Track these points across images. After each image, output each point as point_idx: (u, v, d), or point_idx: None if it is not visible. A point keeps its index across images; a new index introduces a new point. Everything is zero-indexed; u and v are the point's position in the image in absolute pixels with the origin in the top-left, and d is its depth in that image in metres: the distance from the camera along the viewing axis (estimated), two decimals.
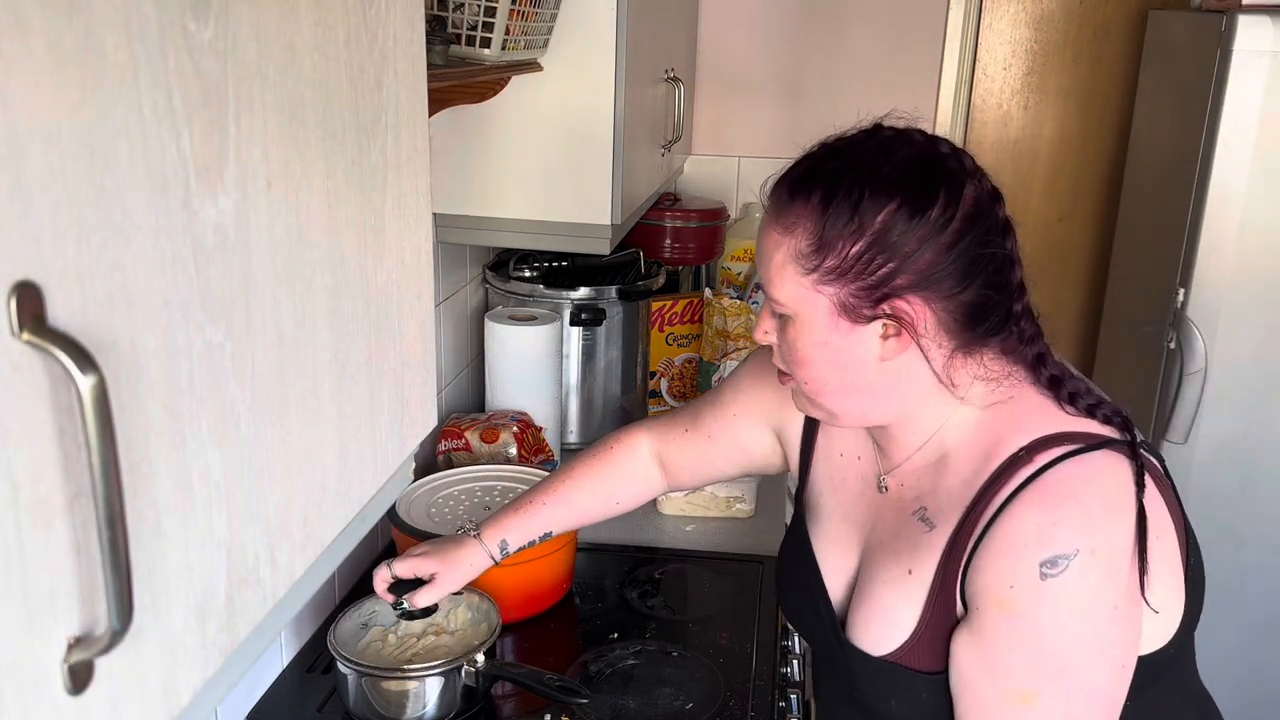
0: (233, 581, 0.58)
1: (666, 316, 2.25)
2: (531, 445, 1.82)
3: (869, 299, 0.92)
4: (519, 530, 1.29)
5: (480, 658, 1.25)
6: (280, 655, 1.38)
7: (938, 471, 1.01)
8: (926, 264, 0.91)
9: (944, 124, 2.63)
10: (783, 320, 0.99)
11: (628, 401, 2.14)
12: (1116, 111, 2.66)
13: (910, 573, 0.99)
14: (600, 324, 2.02)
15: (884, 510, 1.06)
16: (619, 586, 1.59)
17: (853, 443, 1.12)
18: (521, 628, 1.47)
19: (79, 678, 0.45)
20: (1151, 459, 0.96)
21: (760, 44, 2.62)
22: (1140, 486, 0.92)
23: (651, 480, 1.35)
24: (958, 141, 2.65)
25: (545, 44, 1.54)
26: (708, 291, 2.28)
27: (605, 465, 1.34)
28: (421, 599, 1.25)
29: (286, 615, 0.67)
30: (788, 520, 1.85)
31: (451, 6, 1.32)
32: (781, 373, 1.03)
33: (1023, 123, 2.71)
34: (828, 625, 1.09)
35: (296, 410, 0.64)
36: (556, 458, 1.91)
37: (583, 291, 2.01)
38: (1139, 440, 0.95)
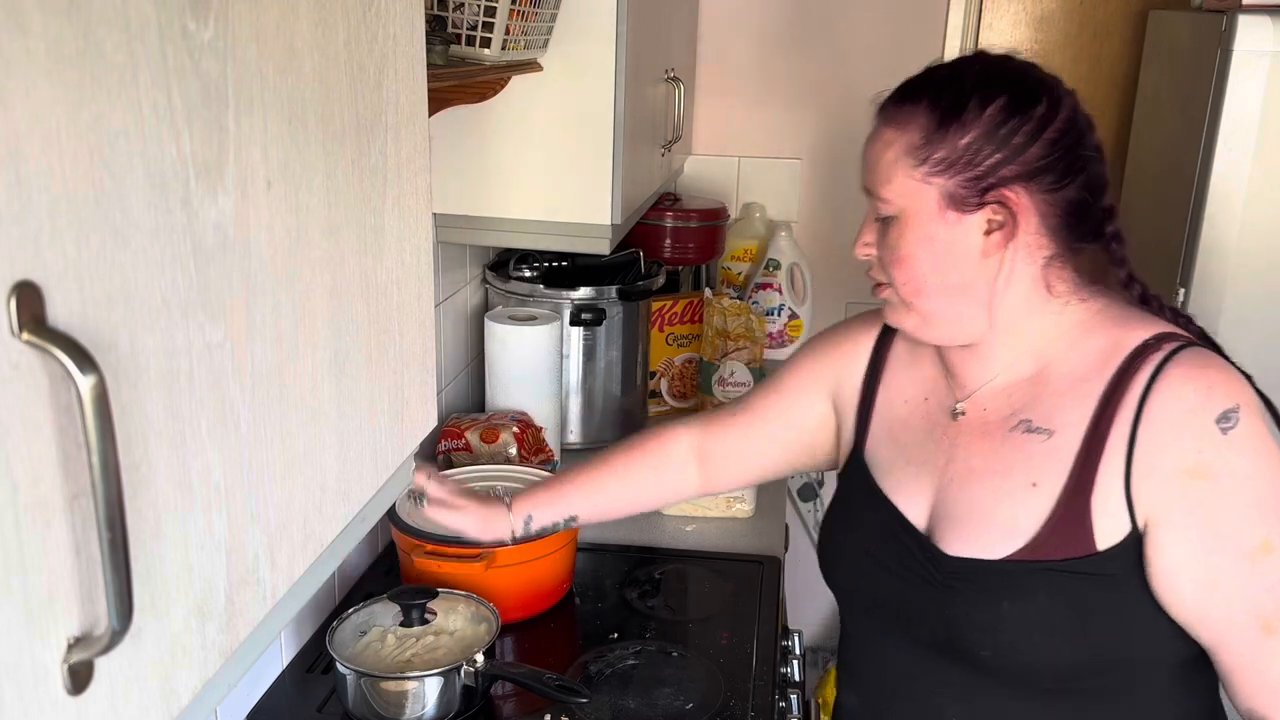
0: (232, 582, 0.58)
1: (666, 316, 2.25)
2: (531, 445, 1.82)
3: (976, 188, 0.97)
4: (545, 509, 1.31)
5: (480, 658, 1.25)
6: (280, 655, 1.38)
7: (1036, 383, 1.03)
8: (1032, 156, 0.97)
9: None
10: (885, 224, 1.03)
11: (628, 401, 2.14)
12: (1116, 111, 2.66)
13: (1035, 485, 1.00)
14: (600, 324, 2.02)
15: (964, 438, 1.07)
16: (619, 586, 1.59)
17: (919, 386, 1.14)
18: (521, 628, 1.47)
19: (79, 678, 0.45)
20: None
21: (760, 44, 2.62)
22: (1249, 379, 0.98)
23: (685, 475, 1.33)
24: None
25: (545, 44, 1.54)
26: (708, 291, 2.28)
27: (639, 454, 1.34)
28: (440, 516, 1.31)
29: (286, 615, 0.67)
30: (787, 520, 1.86)
31: (451, 6, 1.32)
32: (878, 285, 1.06)
33: None
34: (917, 553, 1.06)
35: (296, 410, 0.64)
36: (557, 458, 1.91)
37: (583, 291, 2.01)
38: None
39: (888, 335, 1.19)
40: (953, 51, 2.57)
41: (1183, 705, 1.02)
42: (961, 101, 0.97)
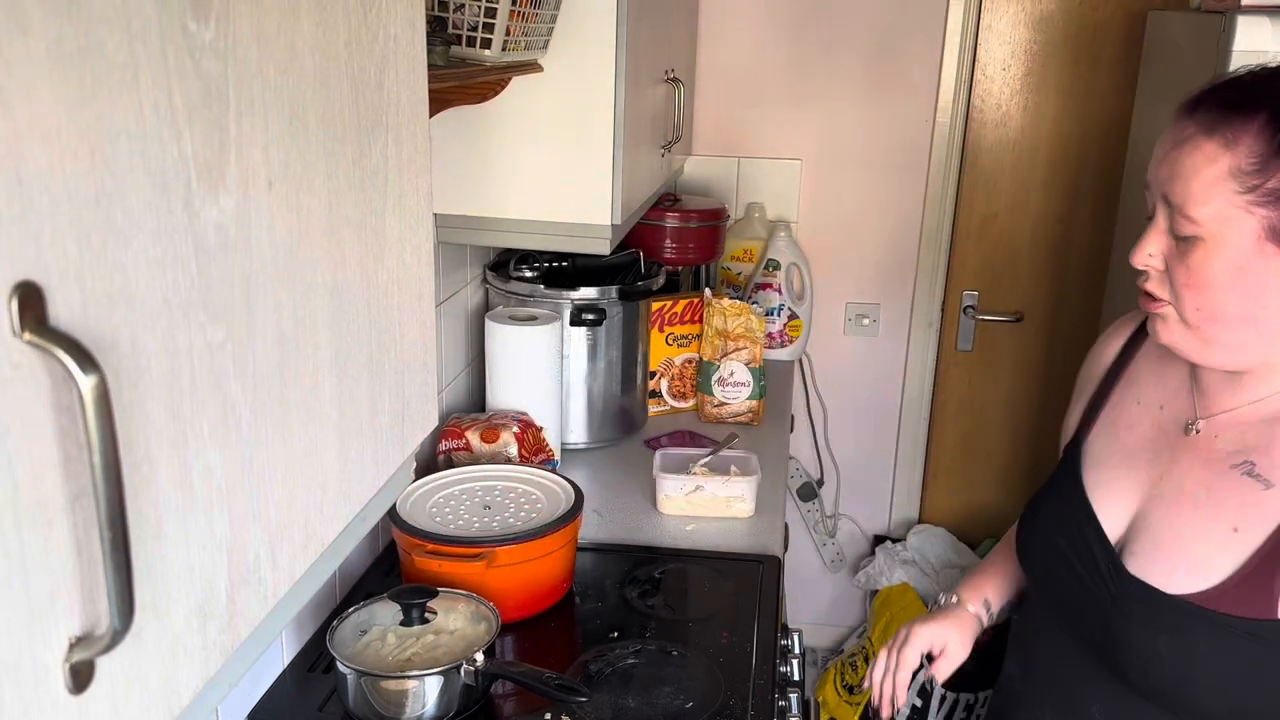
0: (233, 581, 0.58)
1: (666, 316, 2.25)
2: (531, 445, 1.82)
3: None
4: (995, 595, 1.30)
5: (480, 657, 1.25)
6: (281, 655, 1.38)
7: (1274, 428, 0.99)
8: None
9: (944, 124, 2.63)
10: (1185, 242, 0.96)
11: (628, 401, 2.14)
12: (1116, 112, 2.66)
13: (1236, 530, 0.97)
14: (601, 324, 2.03)
15: (1186, 457, 1.05)
16: (619, 586, 1.59)
17: (1158, 391, 1.11)
18: (521, 627, 1.47)
19: (80, 677, 0.45)
20: None
21: (760, 44, 2.62)
22: None
23: None
24: (957, 142, 2.66)
25: (545, 45, 1.54)
26: (708, 291, 2.28)
27: None
28: (941, 671, 1.27)
29: (287, 615, 0.67)
30: (787, 520, 1.86)
31: (452, 7, 1.32)
32: (1153, 298, 1.01)
33: (1022, 124, 2.71)
34: (1102, 563, 1.06)
35: (297, 410, 0.64)
36: (557, 457, 1.92)
37: (583, 291, 2.01)
38: None
39: (1142, 332, 1.17)
40: (952, 51, 2.57)
41: None
42: None
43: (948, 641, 1.26)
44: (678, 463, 1.89)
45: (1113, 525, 1.07)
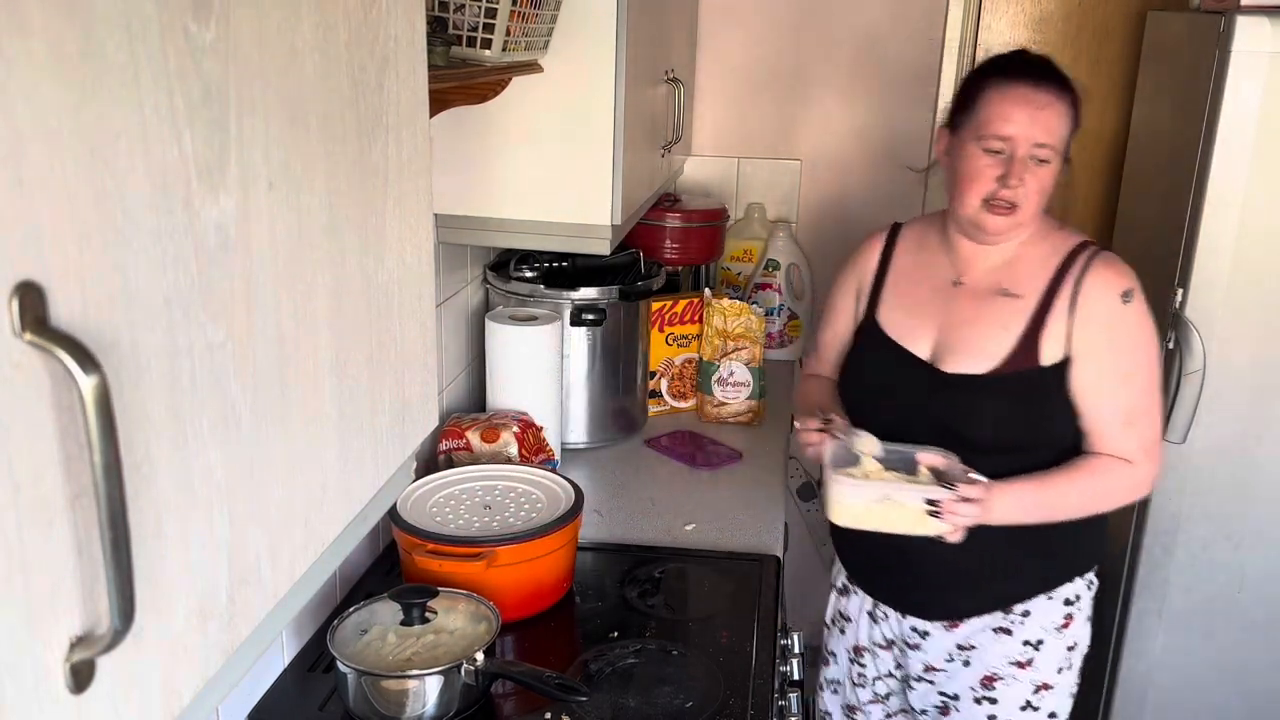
0: (234, 581, 0.58)
1: (666, 316, 2.25)
2: (532, 445, 1.82)
3: (1071, 135, 1.50)
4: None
5: (480, 656, 1.25)
6: (281, 654, 1.38)
7: (1010, 266, 1.53)
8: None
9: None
10: (1040, 165, 1.46)
11: (628, 401, 2.14)
12: (1116, 112, 2.66)
13: (1005, 328, 1.50)
14: (601, 324, 2.03)
15: (957, 299, 1.56)
16: (619, 585, 1.59)
17: (922, 268, 1.62)
18: (521, 627, 1.47)
19: (80, 677, 0.45)
20: None
21: (760, 44, 2.62)
22: None
23: None
24: None
25: (546, 45, 1.54)
26: (708, 291, 2.28)
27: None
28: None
29: (288, 615, 0.67)
30: (787, 520, 1.86)
31: (452, 8, 1.32)
32: (1003, 208, 1.47)
33: None
34: (920, 372, 1.54)
35: (297, 410, 0.64)
36: (557, 457, 1.92)
37: (583, 292, 2.01)
38: None
39: (890, 242, 1.69)
40: (951, 52, 2.57)
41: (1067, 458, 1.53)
42: (1072, 86, 1.49)
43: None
44: (853, 457, 1.48)
45: (921, 350, 1.56)
